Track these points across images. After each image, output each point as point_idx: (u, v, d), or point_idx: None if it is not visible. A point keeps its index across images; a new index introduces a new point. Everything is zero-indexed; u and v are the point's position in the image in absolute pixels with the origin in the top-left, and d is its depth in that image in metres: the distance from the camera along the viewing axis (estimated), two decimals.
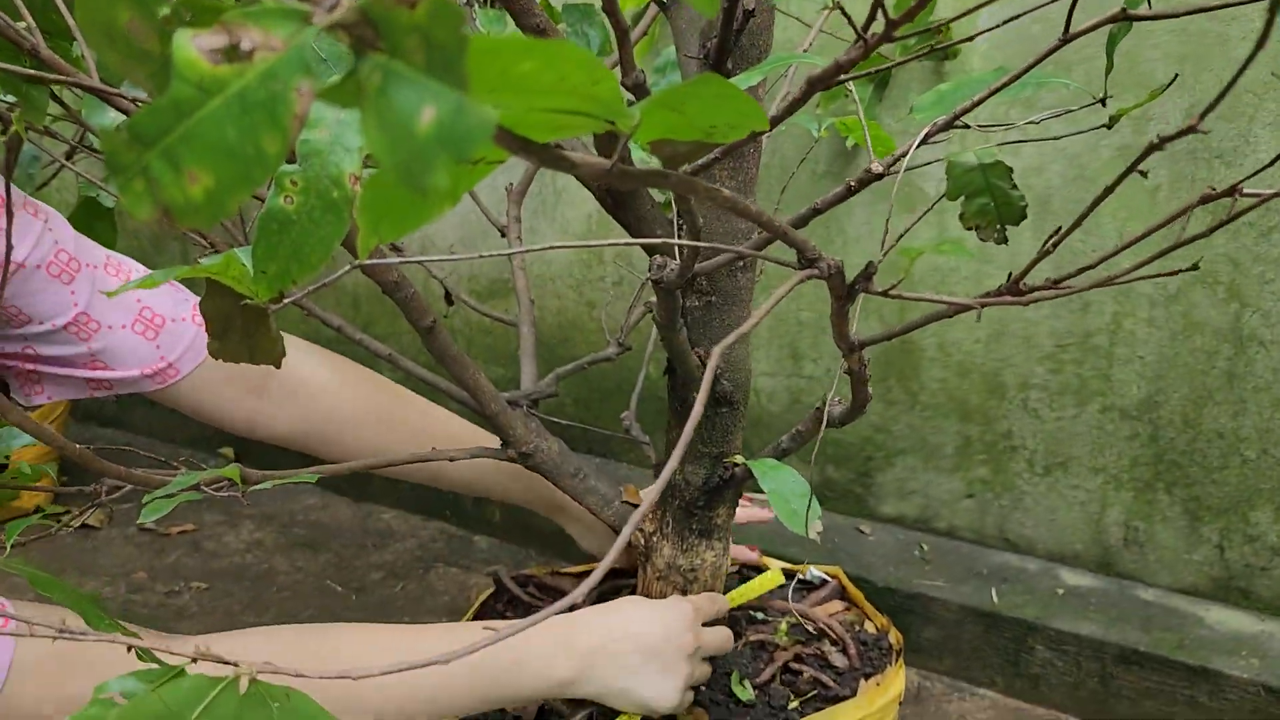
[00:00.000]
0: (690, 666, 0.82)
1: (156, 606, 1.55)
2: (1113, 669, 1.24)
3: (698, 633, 0.84)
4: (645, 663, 0.81)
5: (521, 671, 0.77)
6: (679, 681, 0.81)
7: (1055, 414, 1.38)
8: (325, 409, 1.05)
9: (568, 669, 0.79)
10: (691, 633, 0.83)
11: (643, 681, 0.81)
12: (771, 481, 0.78)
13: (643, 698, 0.81)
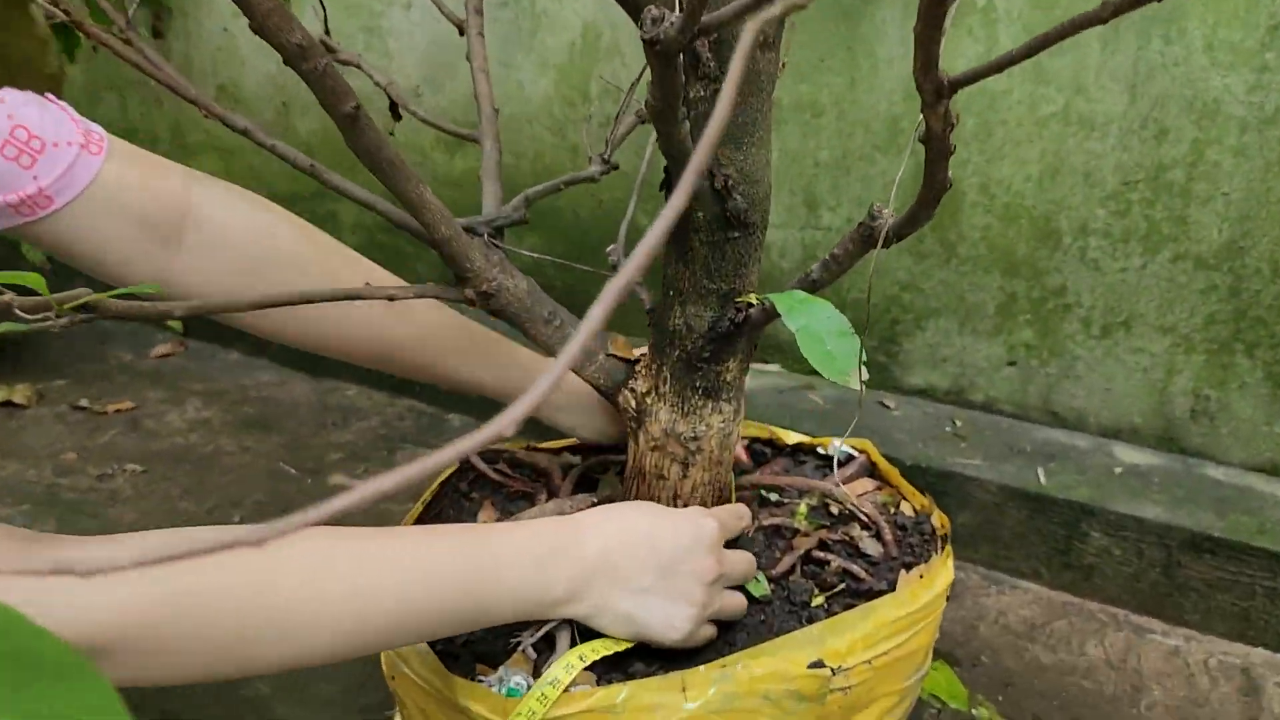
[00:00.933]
0: (708, 595, 0.68)
1: (85, 491, 1.40)
2: (1180, 557, 1.09)
3: (720, 556, 0.70)
4: (657, 582, 0.66)
5: (503, 585, 0.62)
6: (694, 610, 0.67)
7: (1118, 265, 1.21)
8: (253, 262, 0.85)
9: (562, 583, 0.64)
10: (714, 555, 0.69)
11: (651, 606, 0.66)
12: (801, 317, 0.61)
13: (648, 625, 0.67)
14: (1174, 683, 1.04)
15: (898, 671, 0.74)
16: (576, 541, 0.66)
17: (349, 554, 0.59)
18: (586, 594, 0.65)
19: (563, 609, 0.65)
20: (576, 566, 0.64)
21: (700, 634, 0.69)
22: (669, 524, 0.69)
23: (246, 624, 0.54)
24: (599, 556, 0.65)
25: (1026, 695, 1.02)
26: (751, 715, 0.67)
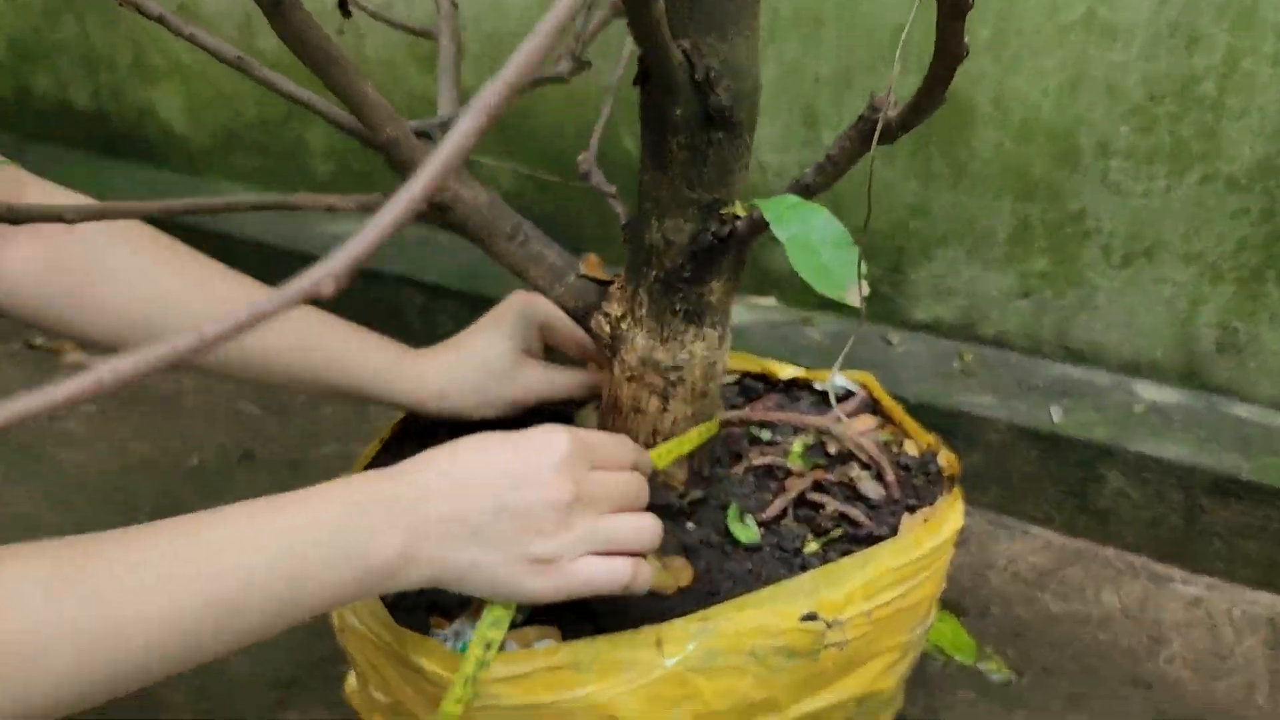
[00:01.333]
0: (567, 523, 0.56)
1: (36, 432, 1.34)
2: (1203, 501, 1.03)
3: (577, 474, 0.57)
4: (497, 518, 0.54)
5: (310, 566, 0.50)
6: (550, 544, 0.55)
7: (1142, 187, 1.13)
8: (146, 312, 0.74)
9: (387, 549, 0.52)
10: (564, 473, 0.56)
11: (495, 547, 0.54)
12: (792, 225, 0.54)
13: (498, 573, 0.55)
14: (1195, 634, 0.98)
15: (900, 624, 0.68)
16: (396, 487, 0.54)
17: (68, 581, 0.45)
18: (423, 555, 0.54)
19: (403, 578, 0.54)
20: (399, 521, 0.53)
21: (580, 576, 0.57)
22: (503, 447, 0.57)
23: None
24: (425, 498, 0.54)
25: (1038, 647, 0.96)
26: (736, 673, 0.61)
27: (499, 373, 0.76)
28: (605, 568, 0.57)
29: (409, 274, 1.57)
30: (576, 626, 0.64)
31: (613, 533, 0.58)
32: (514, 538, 0.54)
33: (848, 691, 0.67)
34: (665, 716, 0.60)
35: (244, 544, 0.50)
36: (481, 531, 0.54)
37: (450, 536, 0.54)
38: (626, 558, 0.58)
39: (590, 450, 0.59)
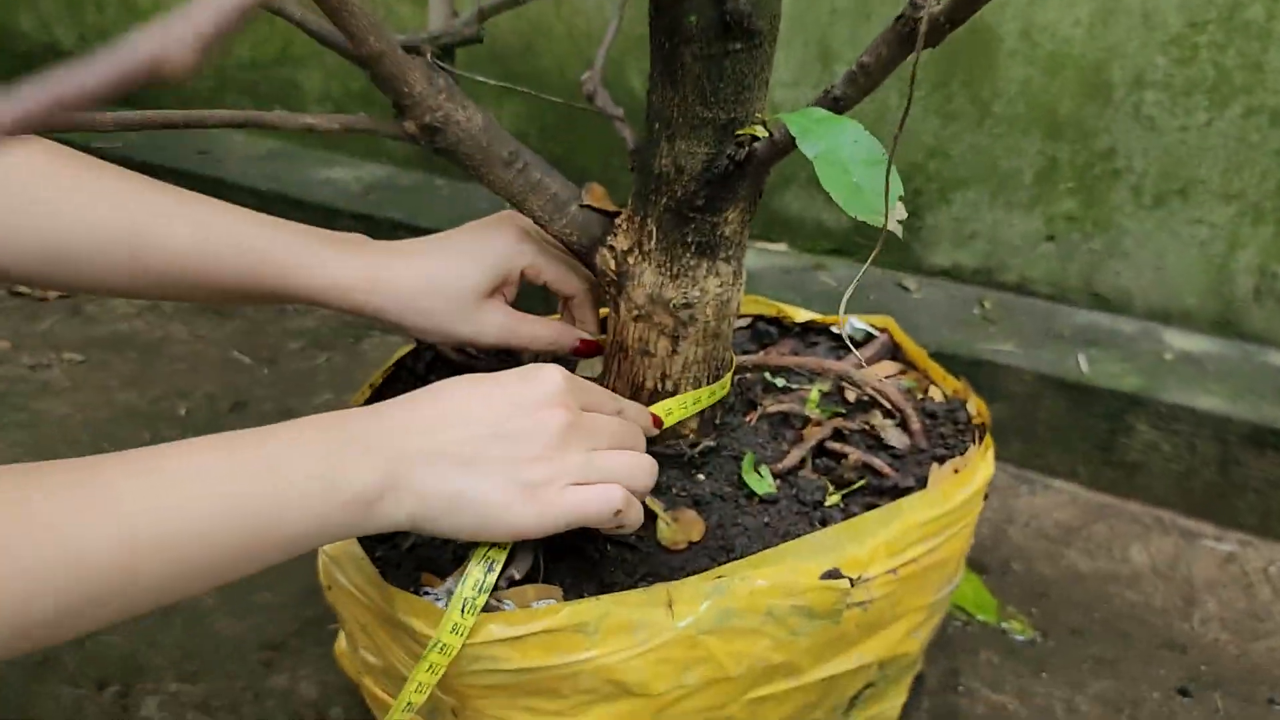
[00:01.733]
0: (562, 450, 0.52)
1: (16, 381, 1.29)
2: (1238, 453, 0.98)
3: (571, 406, 0.54)
4: (490, 444, 0.51)
5: (284, 496, 0.47)
6: (546, 469, 0.51)
7: (1178, 122, 1.07)
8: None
9: (366, 475, 0.48)
10: (559, 402, 0.53)
11: (486, 474, 0.50)
12: (820, 140, 0.48)
13: (487, 501, 0.51)
14: (1230, 593, 0.94)
15: (927, 583, 0.64)
16: (379, 420, 0.51)
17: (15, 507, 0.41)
18: (404, 483, 0.49)
19: (382, 511, 0.49)
20: (381, 449, 0.49)
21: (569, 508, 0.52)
22: (494, 381, 0.53)
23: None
24: (409, 430, 0.51)
25: (1063, 607, 0.92)
26: (752, 635, 0.56)
27: (455, 304, 0.65)
28: (596, 494, 0.53)
29: (405, 220, 1.51)
30: (580, 586, 0.59)
31: (608, 465, 0.54)
32: (506, 463, 0.51)
33: (870, 655, 0.63)
34: (676, 681, 0.55)
35: (212, 476, 0.45)
36: (472, 461, 0.50)
37: (436, 467, 0.50)
38: (619, 486, 0.53)
39: (583, 390, 0.56)
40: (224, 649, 0.86)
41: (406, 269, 0.64)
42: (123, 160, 1.79)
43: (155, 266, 0.61)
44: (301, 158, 1.80)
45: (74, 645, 0.86)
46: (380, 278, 0.63)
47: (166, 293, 0.63)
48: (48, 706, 0.79)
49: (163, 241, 0.61)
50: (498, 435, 0.51)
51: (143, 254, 0.60)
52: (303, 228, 0.65)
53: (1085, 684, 0.83)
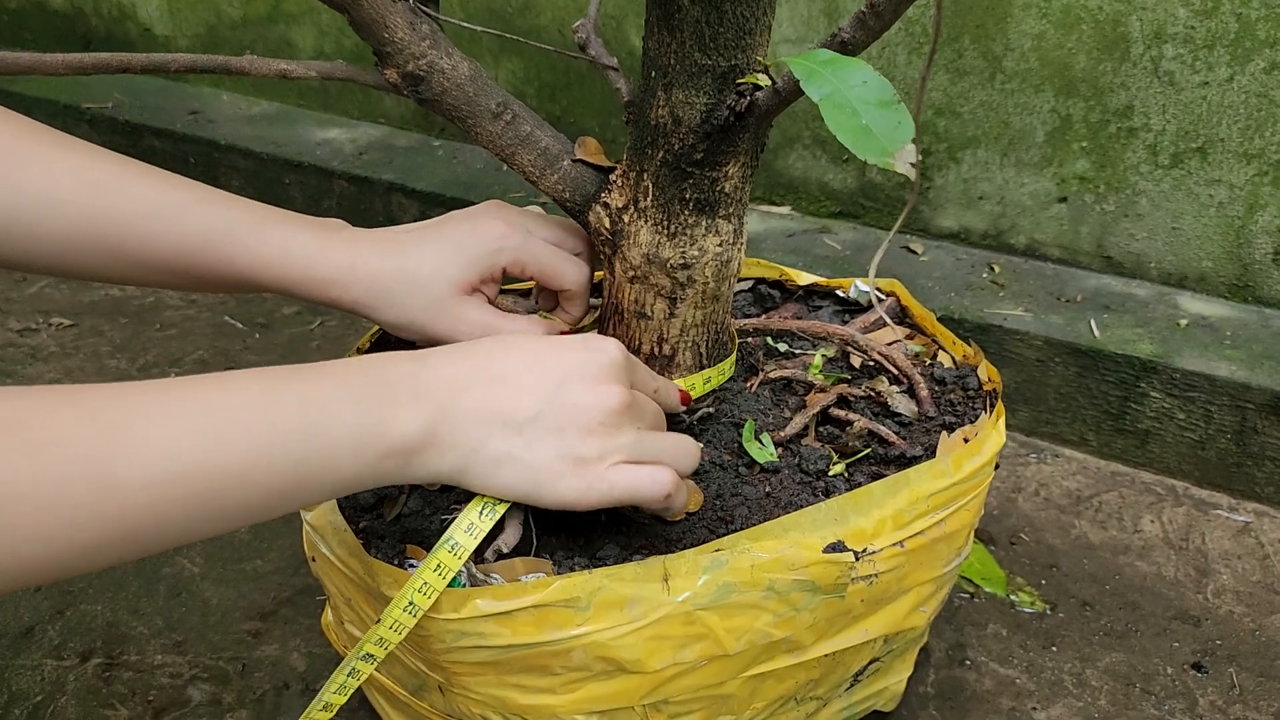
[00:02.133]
0: (616, 428, 0.51)
1: (4, 346, 1.26)
2: (1258, 422, 0.95)
3: (627, 385, 0.52)
4: (545, 409, 0.49)
5: (323, 435, 0.44)
6: (594, 446, 0.50)
7: (1199, 78, 1.03)
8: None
9: (411, 425, 0.47)
10: (618, 379, 0.52)
11: (539, 441, 0.49)
12: (826, 83, 0.45)
13: (537, 467, 0.50)
14: (1245, 565, 0.91)
15: (935, 556, 0.61)
16: (425, 370, 0.49)
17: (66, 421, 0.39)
18: (450, 437, 0.48)
19: (423, 463, 0.48)
20: (428, 398, 0.48)
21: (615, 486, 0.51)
22: (551, 344, 0.52)
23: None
24: (458, 385, 0.49)
25: (1073, 578, 0.89)
26: (752, 611, 0.53)
27: (432, 299, 0.61)
28: (649, 474, 0.51)
29: (400, 181, 1.47)
30: (572, 559, 0.56)
31: (658, 446, 0.53)
32: (560, 433, 0.50)
33: (876, 630, 0.60)
34: (672, 658, 0.53)
35: (252, 408, 0.43)
36: (525, 426, 0.49)
37: (487, 427, 0.49)
38: (668, 468, 0.52)
39: (635, 367, 0.55)
40: (211, 618, 0.84)
41: (383, 261, 0.60)
42: (110, 121, 1.76)
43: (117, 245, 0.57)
44: (295, 118, 1.76)
45: (55, 615, 0.83)
46: (357, 269, 0.60)
47: (128, 274, 0.59)
48: (31, 679, 0.77)
49: (128, 220, 0.57)
50: (555, 404, 0.50)
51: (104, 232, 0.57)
52: (275, 211, 0.60)
53: (1096, 657, 0.81)
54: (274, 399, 0.44)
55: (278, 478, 0.43)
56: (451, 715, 0.58)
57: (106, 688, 0.77)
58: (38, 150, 0.56)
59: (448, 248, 0.62)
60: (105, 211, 0.56)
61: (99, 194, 0.57)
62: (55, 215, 0.56)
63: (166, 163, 1.72)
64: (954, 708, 0.76)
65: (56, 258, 0.57)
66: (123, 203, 0.57)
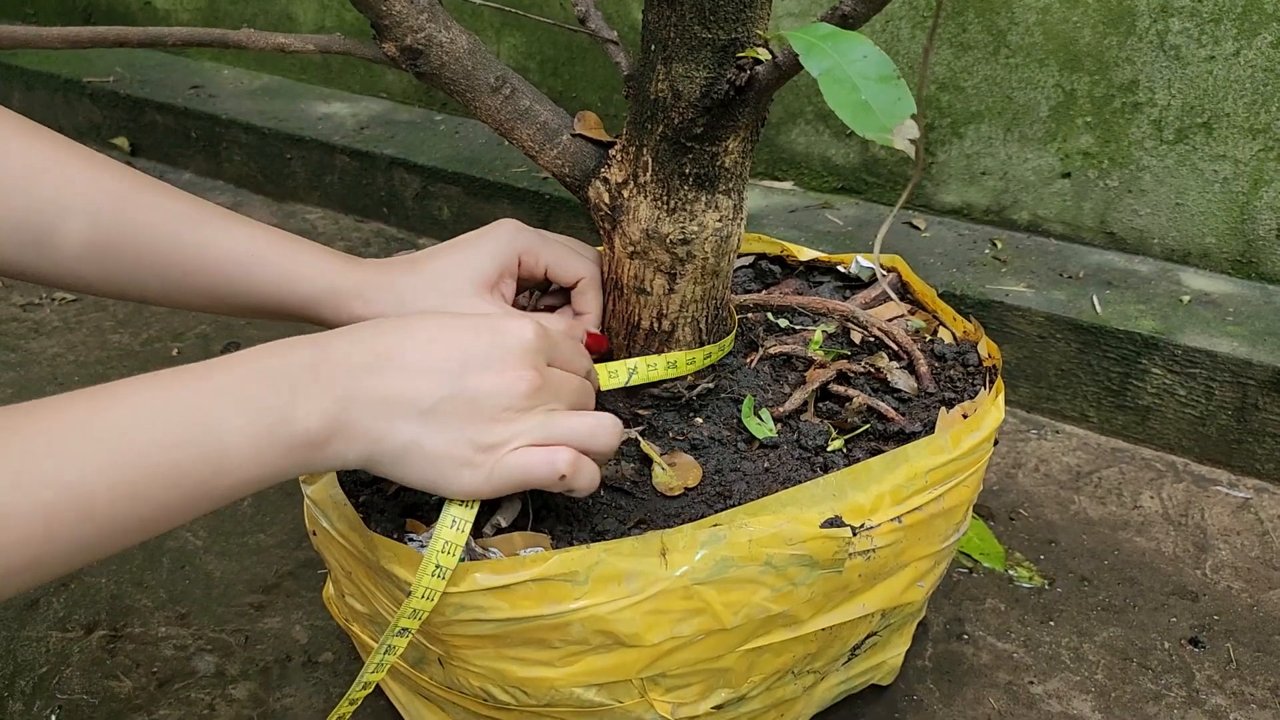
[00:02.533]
0: (525, 413, 0.50)
1: (7, 321, 1.26)
2: (1259, 399, 0.95)
3: (540, 366, 0.51)
4: (450, 396, 0.48)
5: (227, 433, 0.43)
6: (498, 432, 0.49)
7: (1205, 52, 1.02)
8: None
9: (314, 419, 0.46)
10: (529, 361, 0.50)
11: (442, 429, 0.48)
12: (826, 58, 0.45)
13: (440, 457, 0.49)
14: (1244, 541, 0.91)
15: (933, 531, 0.61)
16: (324, 357, 0.47)
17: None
18: (354, 426, 0.47)
19: (332, 451, 0.47)
20: (328, 388, 0.46)
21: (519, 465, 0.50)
22: (456, 326, 0.50)
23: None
24: (357, 371, 0.47)
25: (1072, 554, 0.89)
26: (750, 585, 0.54)
27: (453, 300, 0.61)
28: (544, 457, 0.50)
29: (402, 156, 1.47)
30: (570, 533, 0.56)
31: (569, 427, 0.51)
32: (464, 421, 0.48)
33: (873, 604, 0.60)
34: (669, 632, 0.53)
35: (145, 429, 0.41)
36: (429, 413, 0.48)
37: (390, 413, 0.47)
38: (567, 449, 0.50)
39: (554, 345, 0.53)
40: (214, 591, 0.84)
41: (404, 271, 0.61)
42: (112, 95, 1.75)
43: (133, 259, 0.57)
44: (297, 93, 1.75)
45: (60, 588, 0.84)
46: (380, 281, 0.60)
47: (146, 291, 0.58)
48: (36, 651, 0.78)
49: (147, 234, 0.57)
50: (460, 390, 0.48)
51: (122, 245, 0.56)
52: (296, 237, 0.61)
53: (1093, 632, 0.81)
54: (169, 414, 0.42)
55: (178, 493, 0.42)
56: (451, 687, 0.59)
57: (111, 659, 0.77)
58: (57, 161, 0.56)
59: (463, 252, 0.62)
60: (124, 225, 0.56)
61: (119, 206, 0.56)
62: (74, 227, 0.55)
63: (168, 137, 1.72)
64: (951, 681, 0.76)
65: (73, 271, 0.56)
66: (143, 215, 0.56)
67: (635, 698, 0.56)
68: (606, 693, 0.55)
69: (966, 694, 0.75)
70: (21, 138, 0.54)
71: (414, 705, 0.66)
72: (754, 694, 0.60)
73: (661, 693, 0.56)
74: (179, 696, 0.74)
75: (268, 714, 0.73)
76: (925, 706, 0.74)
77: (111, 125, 1.78)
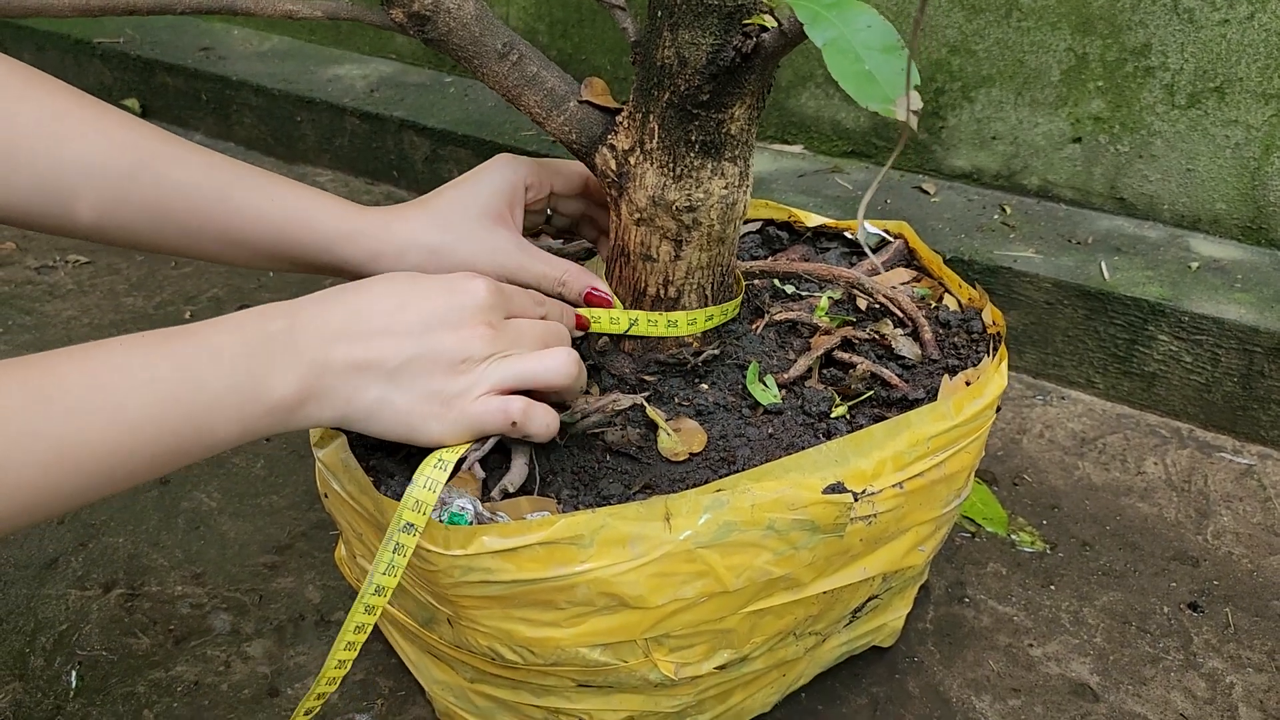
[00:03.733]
0: (482, 367, 0.54)
1: (22, 284, 1.27)
2: (1265, 365, 0.95)
3: (495, 320, 0.54)
4: (408, 365, 0.52)
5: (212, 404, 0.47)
6: (458, 383, 0.53)
7: (1219, 15, 1.01)
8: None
9: (287, 385, 0.49)
10: (482, 318, 0.54)
11: (406, 386, 0.52)
12: (830, 27, 0.45)
13: (406, 418, 0.53)
14: (1246, 507, 0.91)
15: (934, 497, 0.62)
16: (297, 325, 0.51)
17: None
18: (327, 390, 0.51)
19: (305, 414, 0.50)
20: (302, 356, 0.50)
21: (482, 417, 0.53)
22: (418, 287, 0.54)
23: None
24: (329, 338, 0.51)
25: (1074, 519, 0.90)
26: (752, 549, 0.54)
27: (465, 227, 0.62)
28: (496, 405, 0.53)
29: (411, 119, 1.47)
30: (577, 497, 0.57)
31: (522, 368, 0.54)
32: (429, 377, 0.52)
33: (874, 568, 0.61)
34: (673, 594, 0.54)
35: (142, 382, 0.44)
36: (395, 373, 0.52)
37: (361, 375, 0.51)
38: (520, 398, 0.54)
39: (508, 298, 0.56)
40: (229, 551, 0.86)
41: (413, 208, 0.63)
42: (122, 56, 1.75)
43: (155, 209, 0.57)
44: (307, 55, 1.75)
45: (79, 547, 0.85)
46: (393, 221, 0.62)
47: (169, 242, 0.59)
48: (56, 609, 0.80)
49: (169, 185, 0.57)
50: (424, 349, 0.52)
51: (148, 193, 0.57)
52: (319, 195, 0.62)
53: (1093, 596, 0.82)
54: (149, 374, 0.45)
55: (156, 451, 0.45)
56: (460, 647, 0.60)
57: (129, 617, 0.79)
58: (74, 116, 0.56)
59: (467, 186, 0.64)
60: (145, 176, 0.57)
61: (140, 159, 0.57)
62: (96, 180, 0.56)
63: (179, 99, 1.72)
64: (952, 644, 0.77)
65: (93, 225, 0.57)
66: (164, 168, 0.57)
67: (640, 658, 0.57)
68: (611, 653, 0.56)
69: (966, 656, 0.76)
70: (36, 91, 0.55)
71: (424, 663, 0.68)
72: (756, 655, 0.61)
73: (665, 653, 0.57)
74: (195, 653, 0.76)
75: (281, 670, 0.75)
76: (926, 668, 0.75)
77: (122, 86, 1.78)
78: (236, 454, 0.97)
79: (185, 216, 0.58)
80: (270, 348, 0.49)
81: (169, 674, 0.74)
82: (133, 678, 0.74)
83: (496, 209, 0.63)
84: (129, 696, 0.72)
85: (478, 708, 0.65)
